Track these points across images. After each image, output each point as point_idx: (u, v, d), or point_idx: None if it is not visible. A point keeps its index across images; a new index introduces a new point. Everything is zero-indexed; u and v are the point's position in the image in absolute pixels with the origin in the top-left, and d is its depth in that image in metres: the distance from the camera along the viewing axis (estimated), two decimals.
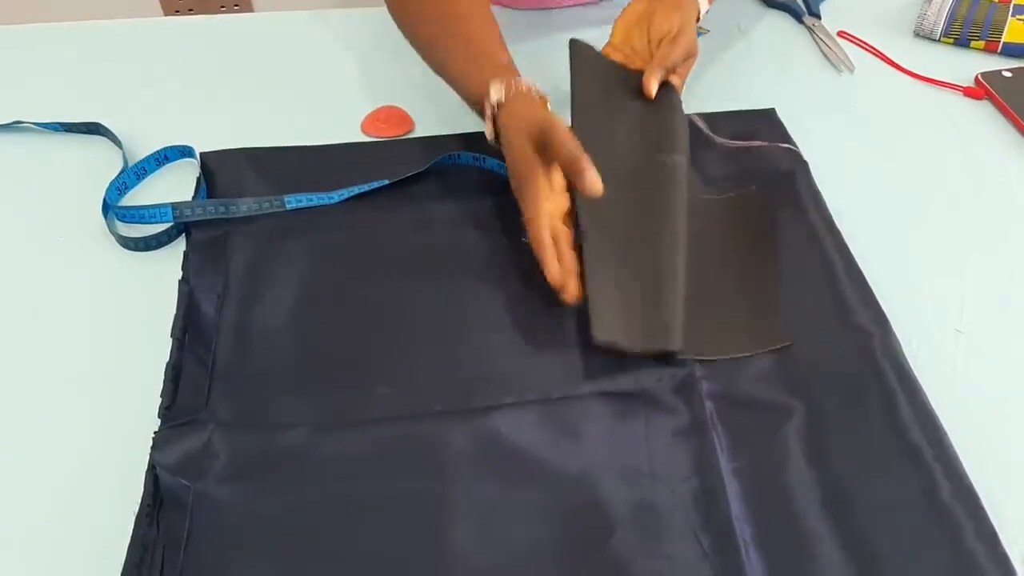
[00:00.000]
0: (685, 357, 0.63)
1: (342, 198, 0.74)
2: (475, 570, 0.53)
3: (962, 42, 0.94)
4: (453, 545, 0.54)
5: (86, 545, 0.54)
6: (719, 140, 0.81)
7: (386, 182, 0.75)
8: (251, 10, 1.82)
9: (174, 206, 0.72)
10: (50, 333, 0.66)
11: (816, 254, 0.71)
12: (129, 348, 0.64)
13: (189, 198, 0.74)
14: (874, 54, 0.94)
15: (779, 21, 0.99)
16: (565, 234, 0.66)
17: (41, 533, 0.55)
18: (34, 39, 0.93)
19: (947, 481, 0.56)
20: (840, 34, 0.96)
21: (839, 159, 0.80)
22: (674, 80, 0.79)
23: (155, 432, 0.58)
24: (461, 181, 0.77)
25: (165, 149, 0.78)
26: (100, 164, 0.78)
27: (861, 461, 0.58)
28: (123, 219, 0.73)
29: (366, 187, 0.74)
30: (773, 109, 0.85)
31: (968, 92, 0.89)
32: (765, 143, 0.80)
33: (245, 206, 0.72)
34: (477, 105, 0.72)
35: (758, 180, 0.77)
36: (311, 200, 0.73)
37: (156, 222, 0.72)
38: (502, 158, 0.70)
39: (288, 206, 0.73)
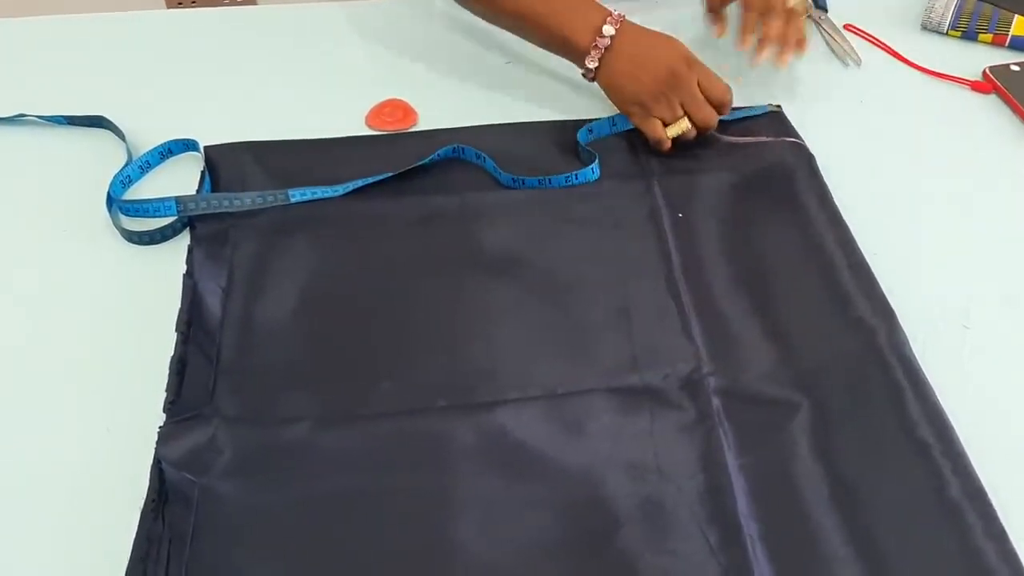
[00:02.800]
0: None
1: (346, 191, 0.74)
2: (480, 565, 0.53)
3: (970, 35, 0.93)
4: (458, 540, 0.54)
5: (92, 539, 0.54)
6: (723, 137, 0.80)
7: (389, 174, 0.75)
8: (254, 3, 1.82)
9: (178, 199, 0.71)
10: (54, 327, 0.65)
11: (822, 249, 0.70)
12: (133, 342, 0.64)
13: (193, 191, 0.74)
14: (881, 48, 0.93)
15: None
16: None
17: (47, 528, 0.55)
18: (37, 32, 0.93)
19: (955, 478, 0.56)
20: (847, 27, 0.95)
21: (846, 153, 0.80)
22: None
23: (160, 427, 0.58)
24: (466, 176, 0.76)
25: (169, 142, 0.78)
26: (104, 157, 0.77)
27: (869, 457, 0.57)
28: (127, 213, 0.73)
29: (370, 180, 0.74)
30: (779, 106, 0.84)
31: (976, 86, 0.88)
32: (770, 138, 0.80)
33: (249, 199, 0.72)
34: (577, 42, 0.77)
35: (764, 175, 0.77)
36: (315, 193, 0.73)
37: (160, 215, 0.72)
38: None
39: (292, 199, 0.73)
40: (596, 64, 0.77)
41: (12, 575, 0.53)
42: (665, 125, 0.77)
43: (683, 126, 0.77)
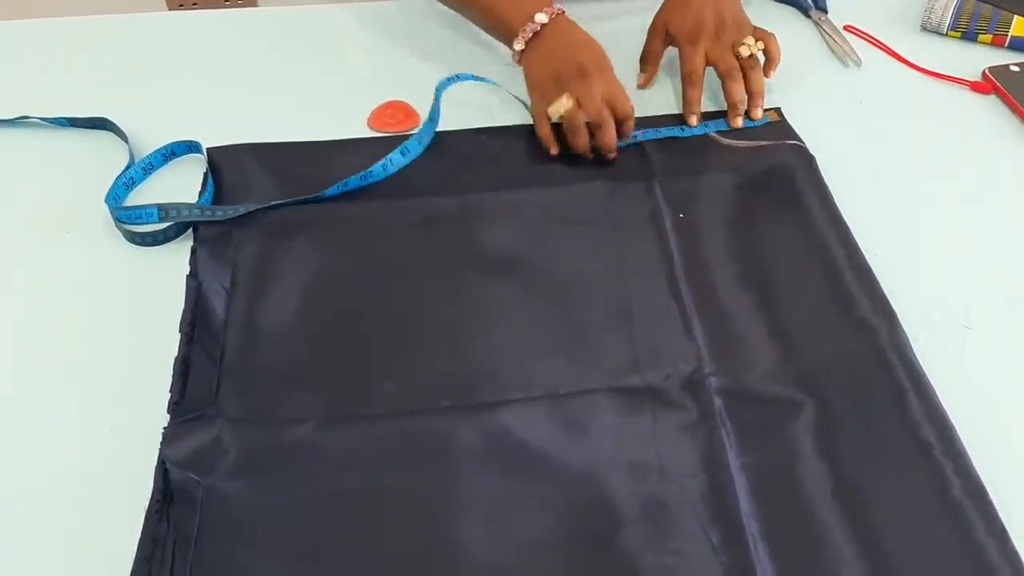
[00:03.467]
0: None
1: (332, 193, 0.73)
2: (483, 565, 0.53)
3: (969, 36, 0.93)
4: (461, 540, 0.54)
5: (97, 540, 0.54)
6: (724, 140, 0.80)
7: (381, 171, 0.74)
8: (255, 5, 1.82)
9: (160, 207, 0.71)
10: (58, 329, 0.66)
11: (823, 249, 0.70)
12: (137, 343, 0.64)
13: (196, 193, 0.74)
14: (881, 48, 0.94)
15: (786, 15, 0.98)
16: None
17: (52, 528, 0.55)
18: (40, 34, 0.93)
19: (957, 477, 0.56)
20: (847, 28, 0.95)
21: (847, 154, 0.80)
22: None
23: (164, 427, 0.58)
24: (467, 177, 0.77)
25: (172, 144, 0.78)
26: (107, 159, 0.78)
27: (870, 457, 0.58)
28: (119, 219, 0.72)
29: (362, 180, 0.74)
30: (778, 109, 0.84)
31: (975, 87, 0.88)
32: (771, 142, 0.80)
33: (240, 208, 0.72)
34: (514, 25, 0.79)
35: (765, 175, 0.77)
36: (297, 201, 0.73)
37: (144, 223, 0.71)
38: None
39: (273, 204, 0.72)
40: (522, 47, 0.79)
41: None
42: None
43: (565, 104, 0.76)
